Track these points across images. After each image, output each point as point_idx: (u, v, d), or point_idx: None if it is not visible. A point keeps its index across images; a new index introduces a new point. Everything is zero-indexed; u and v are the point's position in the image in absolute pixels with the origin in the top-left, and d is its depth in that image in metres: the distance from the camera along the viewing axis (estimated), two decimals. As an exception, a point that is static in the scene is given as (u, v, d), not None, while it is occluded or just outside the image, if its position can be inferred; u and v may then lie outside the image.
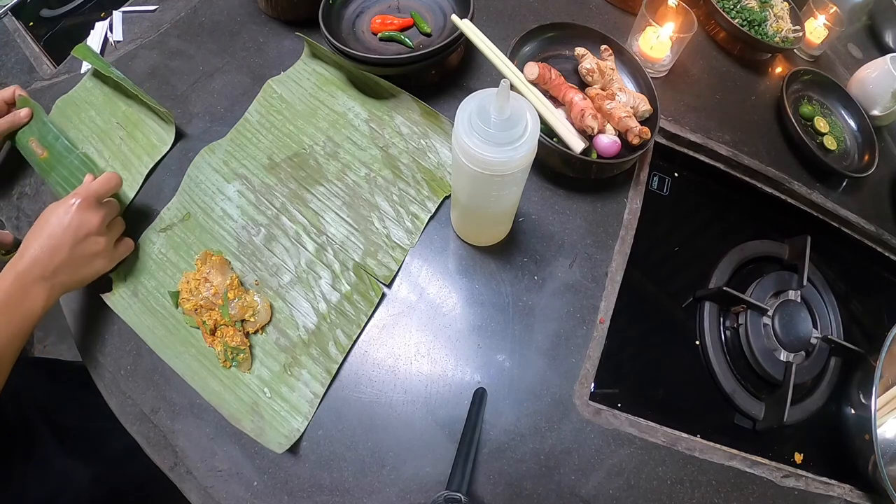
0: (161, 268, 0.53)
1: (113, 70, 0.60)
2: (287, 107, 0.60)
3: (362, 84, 0.61)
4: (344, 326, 0.50)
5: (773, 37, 0.73)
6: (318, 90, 0.61)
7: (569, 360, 0.51)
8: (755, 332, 0.56)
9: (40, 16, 0.74)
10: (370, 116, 0.60)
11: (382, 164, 0.57)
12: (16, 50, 0.70)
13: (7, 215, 0.59)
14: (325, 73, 0.62)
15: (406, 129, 0.59)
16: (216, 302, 0.49)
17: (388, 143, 0.58)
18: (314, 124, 0.59)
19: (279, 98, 0.61)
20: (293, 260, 0.53)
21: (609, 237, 0.57)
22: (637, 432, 0.49)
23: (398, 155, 0.58)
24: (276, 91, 0.61)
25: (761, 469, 0.50)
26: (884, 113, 0.74)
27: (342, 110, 0.60)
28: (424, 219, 0.55)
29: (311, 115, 0.60)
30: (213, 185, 0.57)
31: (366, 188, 0.56)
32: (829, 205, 0.66)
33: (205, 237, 0.54)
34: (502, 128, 0.35)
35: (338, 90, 0.61)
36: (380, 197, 0.56)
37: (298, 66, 0.63)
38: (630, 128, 0.56)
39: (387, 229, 0.54)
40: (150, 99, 0.59)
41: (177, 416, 0.47)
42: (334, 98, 0.61)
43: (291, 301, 0.51)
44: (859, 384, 0.54)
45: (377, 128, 0.59)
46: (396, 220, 0.55)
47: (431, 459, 0.46)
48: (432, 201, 0.56)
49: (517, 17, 0.71)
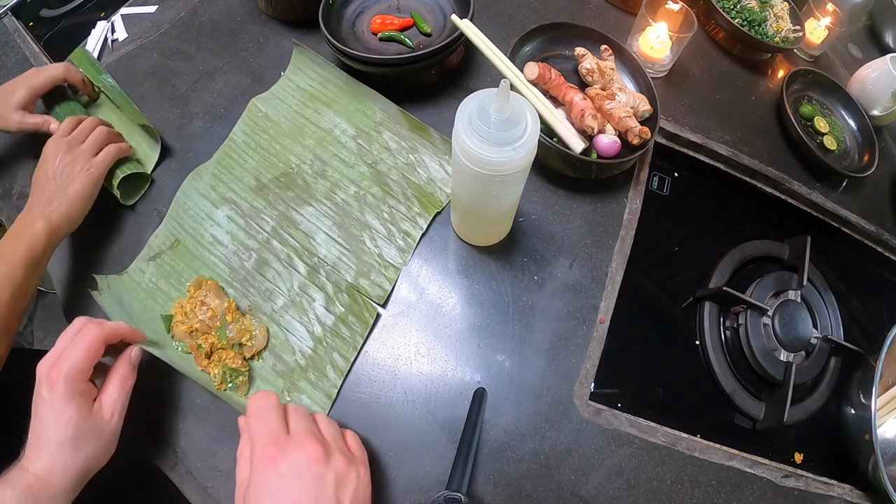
0: (152, 296, 0.52)
1: (104, 80, 0.59)
2: (273, 125, 0.59)
3: (349, 99, 0.60)
4: (340, 349, 0.50)
5: (773, 37, 0.73)
6: (304, 107, 0.60)
7: (569, 360, 0.51)
8: (755, 332, 0.56)
9: (40, 16, 0.74)
10: (357, 132, 0.59)
11: (372, 181, 0.56)
12: (16, 50, 0.70)
13: (7, 215, 0.59)
14: (309, 89, 0.61)
15: (394, 145, 0.58)
16: (213, 325, 0.48)
17: (376, 159, 0.57)
18: (301, 142, 0.58)
19: (264, 117, 0.60)
20: (286, 283, 0.52)
21: (609, 237, 0.57)
22: (637, 432, 0.49)
23: (387, 171, 0.57)
24: (262, 110, 0.60)
25: (761, 469, 0.50)
26: (884, 113, 0.74)
27: (328, 127, 0.59)
28: (416, 236, 0.54)
29: (298, 133, 0.59)
30: (202, 211, 0.56)
31: (356, 207, 0.55)
32: (829, 205, 0.66)
33: (195, 264, 0.53)
34: (502, 128, 0.35)
35: (323, 106, 0.60)
36: (370, 215, 0.55)
37: (282, 83, 0.62)
38: (630, 128, 0.56)
39: (378, 248, 0.54)
40: (137, 113, 0.58)
41: (177, 416, 0.47)
42: (320, 115, 0.60)
43: (286, 325, 0.51)
44: (859, 384, 0.54)
45: (365, 144, 0.58)
46: (388, 238, 0.54)
47: (431, 459, 0.46)
48: (423, 218, 0.55)
49: (517, 17, 0.71)
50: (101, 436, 0.41)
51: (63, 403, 0.39)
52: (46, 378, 0.39)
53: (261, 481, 0.36)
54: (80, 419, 0.39)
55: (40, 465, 0.38)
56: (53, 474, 0.38)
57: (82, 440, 0.39)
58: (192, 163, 0.58)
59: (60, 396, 0.39)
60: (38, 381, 0.40)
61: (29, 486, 0.37)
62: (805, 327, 0.56)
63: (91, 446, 0.40)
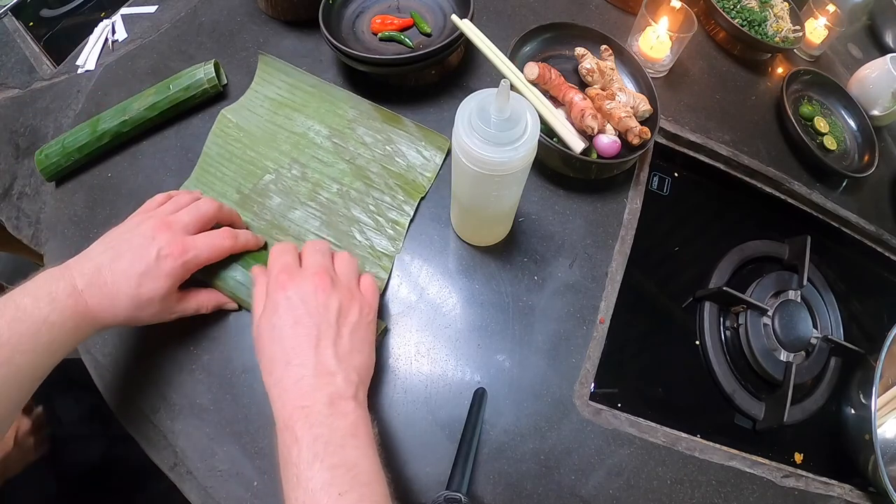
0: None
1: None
2: (245, 134, 0.59)
3: (318, 102, 0.60)
4: None
5: (773, 37, 0.73)
6: (274, 115, 0.60)
7: (569, 360, 0.51)
8: (755, 332, 0.56)
9: (40, 16, 0.74)
10: (331, 132, 0.59)
11: (353, 177, 0.56)
12: (16, 50, 0.70)
13: (7, 215, 0.59)
14: (277, 98, 0.61)
15: (369, 138, 0.58)
16: None
17: (353, 154, 0.57)
18: (276, 148, 0.58)
19: (235, 126, 0.59)
20: None
21: (609, 237, 0.57)
22: (637, 432, 0.49)
23: (366, 165, 0.57)
24: (232, 120, 0.59)
25: (761, 469, 0.50)
26: (884, 113, 0.74)
27: (302, 130, 0.59)
28: (405, 223, 0.54)
29: (271, 139, 0.58)
30: None
31: (341, 204, 0.55)
32: (829, 205, 0.66)
33: None
34: (502, 128, 0.35)
35: (293, 112, 0.60)
36: (356, 210, 0.55)
37: (249, 95, 0.61)
38: (630, 128, 0.56)
39: (369, 240, 0.54)
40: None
41: (177, 416, 0.47)
42: (291, 120, 0.59)
43: None
44: (859, 384, 0.54)
45: (340, 142, 0.58)
46: (377, 229, 0.54)
47: (431, 459, 0.46)
48: (409, 205, 0.55)
49: (517, 17, 0.71)
50: (156, 304, 0.42)
51: (153, 237, 0.42)
52: (163, 221, 0.43)
53: (270, 303, 0.40)
54: (158, 264, 0.41)
55: (96, 291, 0.39)
56: (103, 305, 0.39)
57: (146, 279, 0.40)
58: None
59: (157, 232, 0.42)
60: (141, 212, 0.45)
61: (77, 310, 0.38)
62: (805, 327, 0.56)
63: (149, 288, 0.41)
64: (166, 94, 0.58)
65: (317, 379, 0.36)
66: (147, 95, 0.58)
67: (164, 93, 0.58)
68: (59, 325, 0.37)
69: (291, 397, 0.36)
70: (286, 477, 0.34)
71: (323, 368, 0.37)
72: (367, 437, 0.36)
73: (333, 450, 0.33)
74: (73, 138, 0.56)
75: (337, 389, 0.36)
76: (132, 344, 0.50)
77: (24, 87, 0.67)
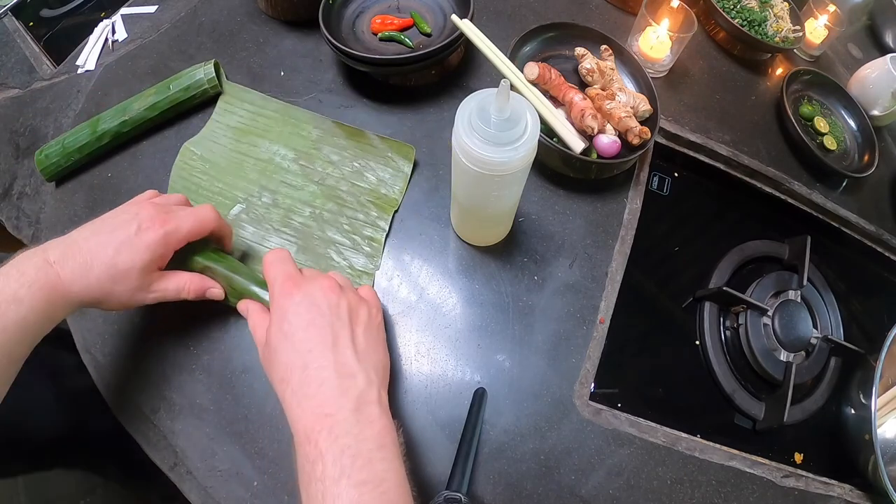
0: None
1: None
2: (211, 165, 0.58)
3: (281, 126, 0.59)
4: None
5: (773, 37, 0.73)
6: (238, 143, 0.59)
7: (569, 360, 0.51)
8: (755, 332, 0.56)
9: (40, 16, 0.74)
10: (297, 154, 0.58)
11: (324, 198, 0.56)
12: (16, 50, 0.70)
13: (7, 215, 0.59)
14: (239, 126, 0.60)
15: (336, 157, 0.58)
16: None
17: (322, 175, 0.57)
18: (244, 177, 0.57)
19: (200, 158, 0.58)
20: None
21: (609, 237, 0.57)
22: (637, 432, 0.49)
23: (336, 184, 0.57)
24: (196, 152, 0.58)
25: (761, 469, 0.50)
26: (884, 113, 0.74)
27: (268, 156, 0.58)
28: (381, 239, 0.54)
29: (238, 168, 0.57)
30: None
31: (315, 226, 0.55)
32: (829, 205, 0.66)
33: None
34: (502, 128, 0.35)
35: (257, 138, 0.59)
36: (331, 231, 0.54)
37: (211, 126, 0.60)
38: (630, 128, 0.56)
39: (347, 260, 0.53)
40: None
41: (177, 416, 0.47)
42: (256, 147, 0.59)
43: None
44: (859, 384, 0.54)
45: (307, 163, 0.57)
46: (354, 248, 0.54)
47: (431, 459, 0.46)
48: (384, 220, 0.55)
49: (517, 17, 0.71)
50: (133, 278, 0.40)
51: (136, 213, 0.41)
52: (149, 203, 0.43)
53: (277, 312, 0.38)
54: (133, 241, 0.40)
55: (70, 263, 0.38)
56: (76, 275, 0.38)
57: (124, 248, 0.40)
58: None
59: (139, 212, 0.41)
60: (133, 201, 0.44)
61: (48, 282, 0.37)
62: (805, 327, 0.56)
63: (126, 258, 0.40)
64: (166, 94, 0.58)
65: (340, 380, 0.35)
66: (147, 95, 0.58)
67: (164, 93, 0.58)
68: (27, 301, 0.35)
69: (314, 404, 0.34)
70: (310, 493, 0.32)
71: (343, 368, 0.36)
72: (394, 446, 0.34)
73: (361, 464, 0.32)
74: (73, 138, 0.56)
75: (360, 392, 0.35)
76: (132, 344, 0.50)
77: (24, 87, 0.67)
